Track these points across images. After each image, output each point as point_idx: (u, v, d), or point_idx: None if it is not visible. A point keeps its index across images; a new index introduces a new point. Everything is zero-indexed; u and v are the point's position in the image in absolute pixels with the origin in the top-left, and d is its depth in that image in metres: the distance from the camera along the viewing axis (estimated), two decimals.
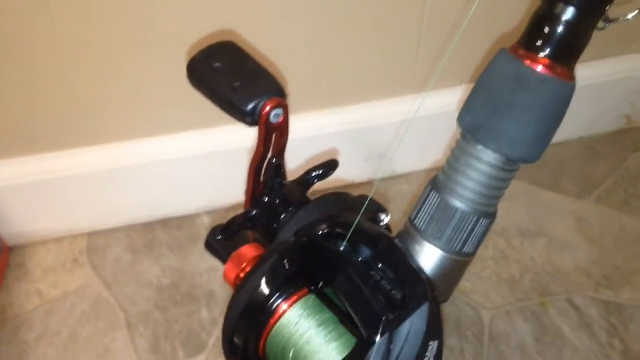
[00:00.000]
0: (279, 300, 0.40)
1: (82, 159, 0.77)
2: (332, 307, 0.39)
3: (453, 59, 0.82)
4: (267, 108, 0.44)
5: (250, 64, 0.47)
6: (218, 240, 0.52)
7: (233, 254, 0.50)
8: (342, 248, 0.38)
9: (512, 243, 0.82)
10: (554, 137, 0.36)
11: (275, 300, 0.40)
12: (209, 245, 0.52)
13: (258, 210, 0.50)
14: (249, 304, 0.40)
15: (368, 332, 0.34)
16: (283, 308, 0.40)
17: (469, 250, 0.37)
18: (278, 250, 0.41)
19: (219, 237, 0.51)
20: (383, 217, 0.41)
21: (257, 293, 0.40)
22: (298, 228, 0.43)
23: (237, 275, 0.45)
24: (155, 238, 0.83)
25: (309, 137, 0.82)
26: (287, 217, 0.47)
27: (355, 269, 0.35)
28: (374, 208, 0.42)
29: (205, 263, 0.80)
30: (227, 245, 0.52)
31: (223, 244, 0.52)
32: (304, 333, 0.38)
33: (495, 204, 0.37)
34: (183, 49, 0.70)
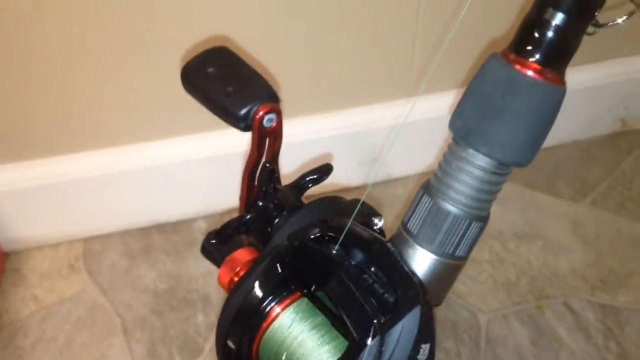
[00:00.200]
0: (272, 304, 0.40)
1: (77, 164, 0.77)
2: (324, 310, 0.39)
3: (447, 63, 0.83)
4: (260, 113, 0.44)
5: (244, 70, 0.47)
6: (213, 245, 0.52)
7: (227, 259, 0.50)
8: (334, 252, 0.38)
9: (508, 246, 0.82)
10: (549, 140, 0.36)
11: (269, 304, 0.40)
12: (205, 250, 0.52)
13: (252, 215, 0.50)
14: (242, 308, 0.40)
15: (360, 335, 0.34)
16: (276, 311, 0.40)
17: (462, 254, 0.38)
18: (271, 255, 0.41)
19: (213, 241, 0.51)
20: (377, 221, 0.41)
21: (250, 297, 0.40)
22: (291, 232, 0.43)
23: (231, 280, 0.45)
24: (152, 243, 0.83)
25: (304, 141, 0.82)
26: (280, 221, 0.47)
27: (348, 273, 0.35)
28: (368, 212, 0.42)
29: (202, 268, 0.80)
30: (222, 250, 0.52)
31: (218, 249, 0.52)
32: (297, 336, 0.38)
33: (488, 208, 0.37)
34: (178, 54, 0.70)
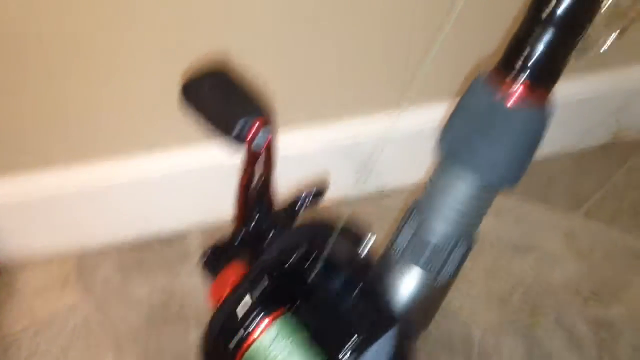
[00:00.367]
0: (256, 321, 0.40)
1: (70, 178, 0.77)
2: (306, 327, 0.39)
3: (439, 73, 0.83)
4: (253, 129, 0.45)
5: (241, 88, 0.48)
6: (209, 261, 0.53)
7: (219, 275, 0.50)
8: (315, 273, 0.38)
9: (501, 259, 0.82)
10: (543, 152, 0.36)
11: (252, 321, 0.40)
12: (202, 267, 0.53)
13: (245, 233, 0.50)
14: (226, 325, 0.40)
15: (336, 355, 0.34)
16: (260, 328, 0.40)
17: (447, 275, 0.38)
18: (256, 272, 0.42)
19: (205, 259, 0.52)
20: (366, 240, 0.41)
21: (234, 314, 0.40)
22: (278, 251, 0.43)
23: (219, 297, 0.45)
24: (145, 257, 0.82)
25: (299, 154, 0.82)
26: (272, 239, 0.48)
27: (326, 294, 0.36)
28: (358, 231, 0.42)
29: (196, 282, 0.79)
30: (216, 266, 0.53)
31: (213, 265, 0.53)
32: (279, 354, 0.38)
33: (475, 228, 0.37)
34: (172, 65, 0.70)
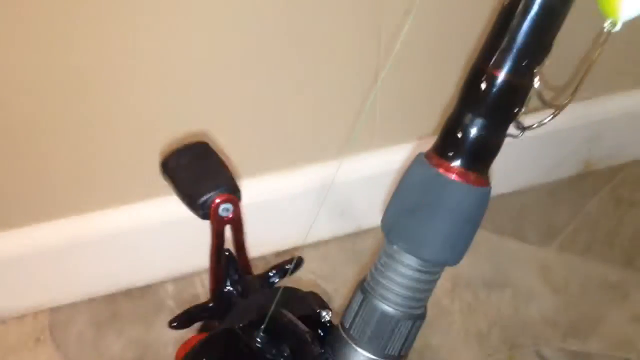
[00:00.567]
0: None
1: (38, 235, 0.76)
2: None
3: (405, 116, 0.84)
4: (216, 202, 0.48)
5: (213, 163, 0.51)
6: (178, 325, 0.54)
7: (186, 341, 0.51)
8: (258, 341, 0.38)
9: (478, 296, 0.82)
10: (515, 184, 0.36)
11: None
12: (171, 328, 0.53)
13: (215, 302, 0.52)
14: None
15: None
16: None
17: (392, 353, 0.37)
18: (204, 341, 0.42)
19: (175, 324, 0.53)
20: (324, 314, 0.42)
21: None
22: (230, 318, 0.44)
23: None
24: (119, 310, 0.81)
25: (272, 199, 0.82)
26: (236, 305, 0.49)
27: None
28: (319, 304, 0.43)
29: (170, 334, 0.78)
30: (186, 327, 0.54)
31: (183, 326, 0.54)
32: None
33: (420, 305, 0.38)
34: (137, 128, 0.71)
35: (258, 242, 0.60)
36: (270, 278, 0.52)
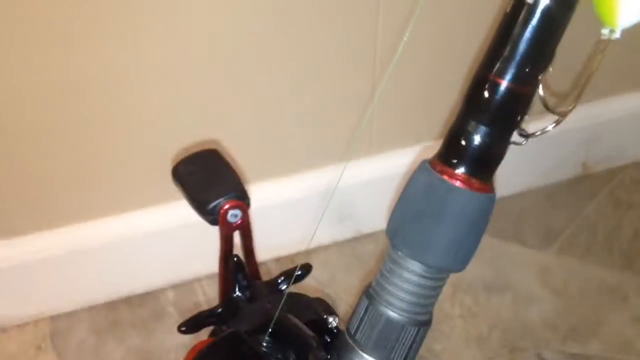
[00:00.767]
0: None
1: (39, 244, 0.76)
2: None
3: (408, 119, 0.84)
4: (225, 208, 0.49)
5: (223, 170, 0.52)
6: (186, 330, 0.54)
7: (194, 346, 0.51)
8: (265, 345, 0.39)
9: (479, 299, 0.82)
10: (514, 188, 0.37)
11: None
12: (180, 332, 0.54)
13: (224, 308, 0.52)
14: None
15: None
16: None
17: (400, 358, 0.38)
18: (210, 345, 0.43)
19: (183, 329, 0.53)
20: (331, 320, 0.42)
21: None
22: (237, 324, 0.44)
23: None
24: (119, 317, 0.81)
25: (274, 204, 0.82)
26: (242, 311, 0.49)
27: None
28: (324, 310, 0.43)
29: (172, 341, 0.78)
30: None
31: (191, 331, 0.54)
32: None
33: (426, 312, 0.38)
34: (142, 134, 0.71)
35: (257, 248, 0.60)
36: (279, 284, 0.52)
